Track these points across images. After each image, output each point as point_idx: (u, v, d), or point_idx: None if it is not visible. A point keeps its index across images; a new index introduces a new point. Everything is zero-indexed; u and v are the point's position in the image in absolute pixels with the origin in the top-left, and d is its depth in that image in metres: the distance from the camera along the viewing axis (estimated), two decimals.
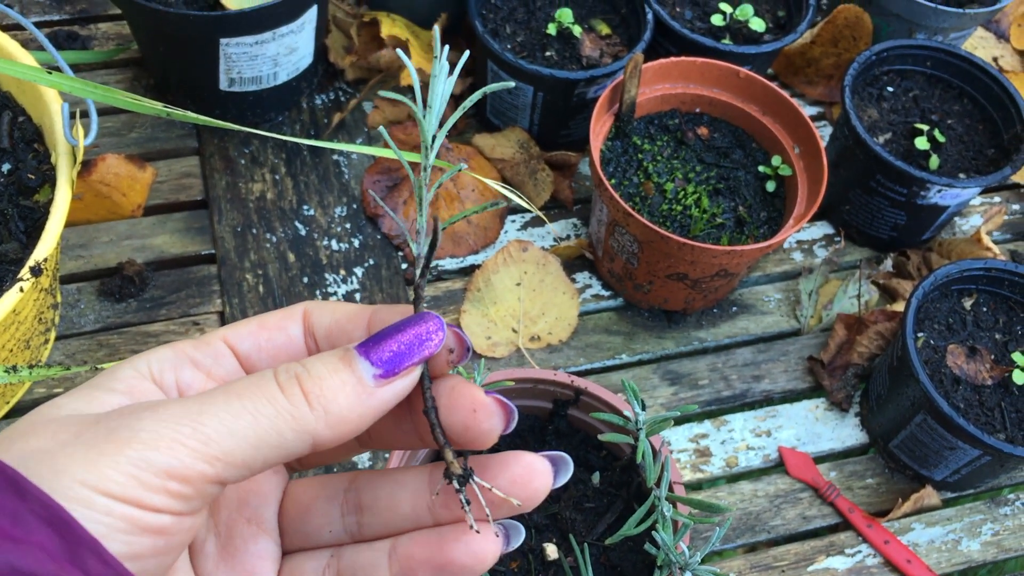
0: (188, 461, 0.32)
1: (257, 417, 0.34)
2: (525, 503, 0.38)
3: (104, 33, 1.16)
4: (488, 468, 0.39)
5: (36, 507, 0.30)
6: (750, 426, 0.98)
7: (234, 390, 0.35)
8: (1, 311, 0.73)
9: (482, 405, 0.38)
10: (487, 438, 0.38)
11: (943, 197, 1.02)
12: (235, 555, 0.41)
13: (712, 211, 0.98)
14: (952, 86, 1.13)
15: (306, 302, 0.42)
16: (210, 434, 0.33)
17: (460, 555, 0.38)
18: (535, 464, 0.39)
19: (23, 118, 0.87)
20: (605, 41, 1.09)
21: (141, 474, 0.31)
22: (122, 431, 0.32)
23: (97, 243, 0.99)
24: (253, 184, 1.06)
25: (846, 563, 0.91)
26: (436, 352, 0.38)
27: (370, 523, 0.41)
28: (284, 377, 0.36)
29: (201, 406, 0.34)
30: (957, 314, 0.96)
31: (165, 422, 0.33)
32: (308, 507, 0.42)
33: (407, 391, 0.38)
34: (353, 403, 0.36)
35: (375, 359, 0.36)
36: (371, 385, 0.36)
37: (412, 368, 0.37)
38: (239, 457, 0.33)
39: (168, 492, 0.32)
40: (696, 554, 0.64)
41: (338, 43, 1.14)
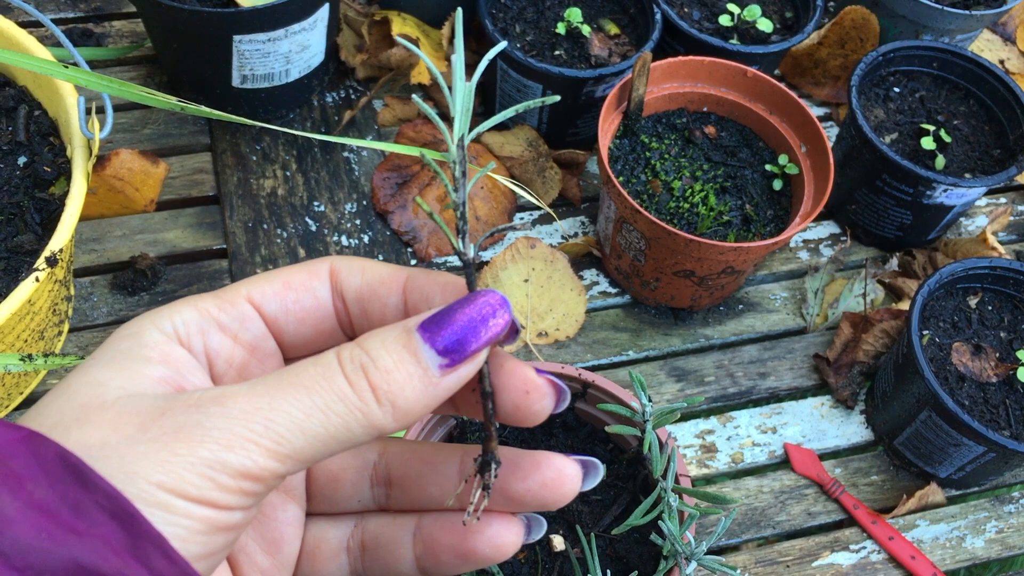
0: (261, 461, 0.32)
1: (328, 415, 0.33)
2: (552, 505, 0.38)
3: (118, 31, 1.17)
4: (519, 467, 0.39)
5: (100, 498, 0.29)
6: (756, 423, 0.99)
7: (302, 383, 0.34)
8: (17, 301, 0.74)
9: (535, 386, 0.37)
10: (537, 419, 0.38)
11: (949, 197, 1.03)
12: (264, 521, 0.41)
13: (719, 209, 0.99)
14: (958, 87, 1.13)
15: (331, 257, 0.40)
16: (283, 433, 0.32)
17: (483, 546, 0.39)
18: (566, 469, 0.39)
19: (39, 112, 0.89)
20: (614, 40, 1.10)
21: (217, 476, 0.31)
22: (193, 429, 0.32)
23: (110, 237, 1.01)
24: (264, 180, 1.07)
25: (850, 559, 0.92)
26: (503, 333, 0.36)
27: (398, 497, 0.42)
28: (350, 368, 0.34)
29: (271, 402, 0.33)
30: (962, 312, 0.96)
31: (236, 420, 0.32)
32: (338, 476, 0.42)
33: (471, 376, 0.36)
34: (420, 395, 0.35)
35: (440, 346, 0.35)
36: (436, 376, 0.35)
37: (478, 353, 0.36)
38: (308, 454, 0.33)
39: (242, 491, 0.32)
40: (702, 544, 0.65)
41: (349, 41, 1.15)
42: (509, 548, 0.39)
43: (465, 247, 0.37)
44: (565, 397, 0.38)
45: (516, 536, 0.39)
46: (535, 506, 0.39)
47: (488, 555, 0.39)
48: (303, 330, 0.40)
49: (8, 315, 0.73)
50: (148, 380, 0.34)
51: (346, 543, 0.41)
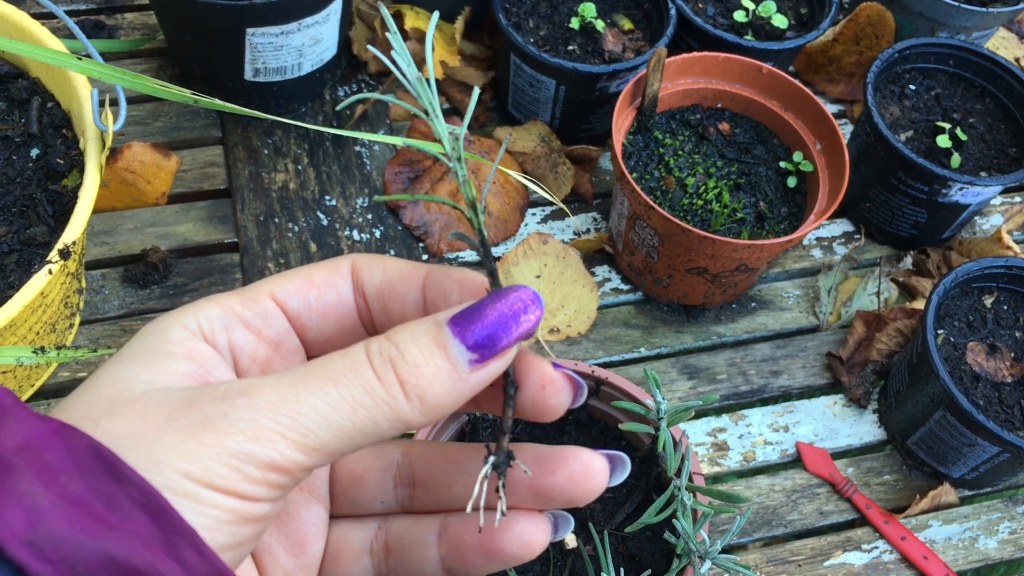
0: (288, 453, 0.32)
1: (356, 408, 0.33)
2: (579, 500, 0.38)
3: (130, 23, 1.17)
4: (547, 462, 0.38)
5: (132, 492, 0.29)
6: (768, 421, 0.99)
7: (329, 375, 0.34)
8: (30, 293, 0.74)
9: (551, 380, 0.37)
10: (553, 414, 0.37)
11: (964, 195, 1.02)
12: (288, 521, 0.41)
13: (733, 206, 0.99)
14: (974, 85, 1.12)
15: (352, 255, 0.41)
16: (309, 425, 0.32)
17: (510, 544, 0.38)
18: (594, 463, 0.38)
19: (52, 104, 0.88)
20: (627, 36, 1.09)
21: (243, 466, 0.31)
22: (219, 420, 0.32)
23: (122, 230, 1.00)
24: (276, 174, 1.07)
25: (863, 559, 0.91)
26: (534, 329, 0.36)
27: (421, 498, 0.41)
28: (379, 362, 0.34)
29: (297, 393, 0.33)
30: (977, 312, 0.96)
31: (263, 411, 0.32)
32: (361, 477, 0.42)
33: (501, 372, 0.36)
34: (448, 390, 0.34)
35: (470, 341, 0.35)
36: (466, 371, 0.35)
37: (508, 349, 0.35)
38: (334, 447, 0.33)
39: (268, 483, 0.32)
40: (716, 543, 0.65)
41: (362, 35, 1.15)
42: (537, 546, 0.38)
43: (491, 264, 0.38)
44: (582, 392, 0.38)
45: (543, 534, 0.39)
46: (562, 502, 0.38)
47: (515, 553, 0.38)
48: (325, 326, 0.40)
49: (21, 307, 0.73)
50: (174, 375, 0.34)
51: (370, 545, 0.41)
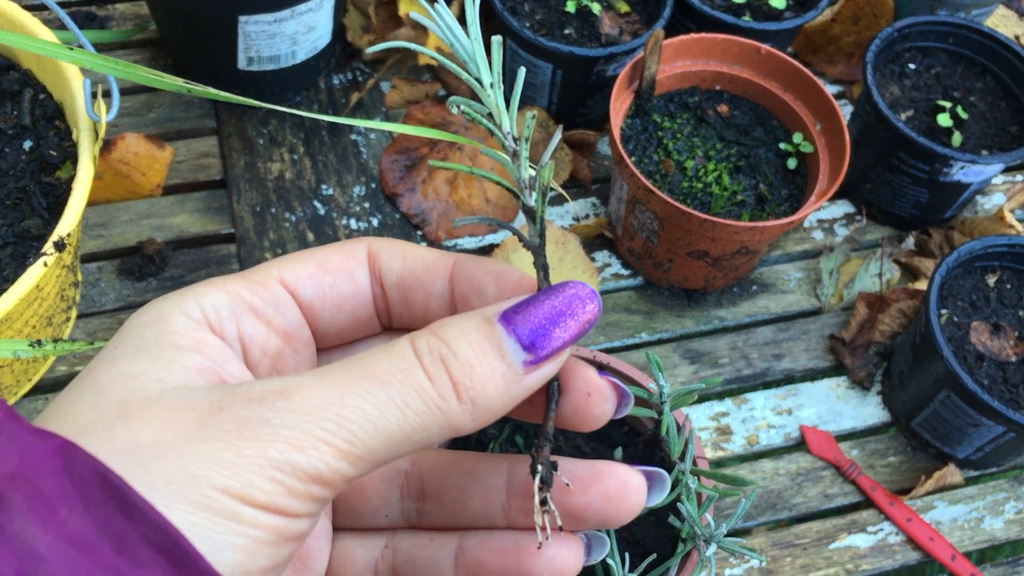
0: (334, 463, 0.29)
1: (406, 413, 0.30)
2: (615, 521, 0.35)
3: (121, 13, 1.16)
4: (578, 479, 0.35)
5: (148, 530, 0.25)
6: (771, 404, 0.98)
7: (376, 376, 0.30)
8: (25, 286, 0.73)
9: (597, 388, 0.34)
10: (595, 423, 0.35)
11: (966, 174, 1.01)
12: None
13: (733, 188, 0.98)
14: (975, 63, 1.11)
15: (368, 238, 0.37)
16: (356, 432, 0.29)
17: (539, 569, 0.34)
18: (631, 480, 0.35)
19: (44, 95, 0.87)
20: (624, 19, 1.08)
21: (287, 480, 0.28)
22: (259, 427, 0.28)
23: (117, 222, 1.00)
24: (272, 164, 1.06)
25: (868, 541, 0.91)
26: (589, 331, 0.33)
27: (432, 513, 0.37)
28: (429, 361, 0.31)
29: (342, 395, 0.30)
30: (980, 291, 0.95)
31: (306, 416, 0.29)
32: (363, 486, 0.38)
33: (553, 375, 0.33)
34: (502, 394, 0.31)
35: (525, 340, 0.32)
36: (520, 372, 0.32)
37: (563, 350, 0.32)
38: (380, 455, 0.30)
39: (311, 497, 0.29)
40: (722, 526, 0.64)
41: (356, 22, 1.13)
42: (569, 571, 0.35)
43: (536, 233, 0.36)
44: (628, 402, 0.35)
45: (575, 557, 0.35)
46: (596, 523, 0.35)
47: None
48: (340, 317, 0.37)
49: (16, 301, 0.72)
50: (186, 371, 0.31)
51: (375, 565, 0.37)
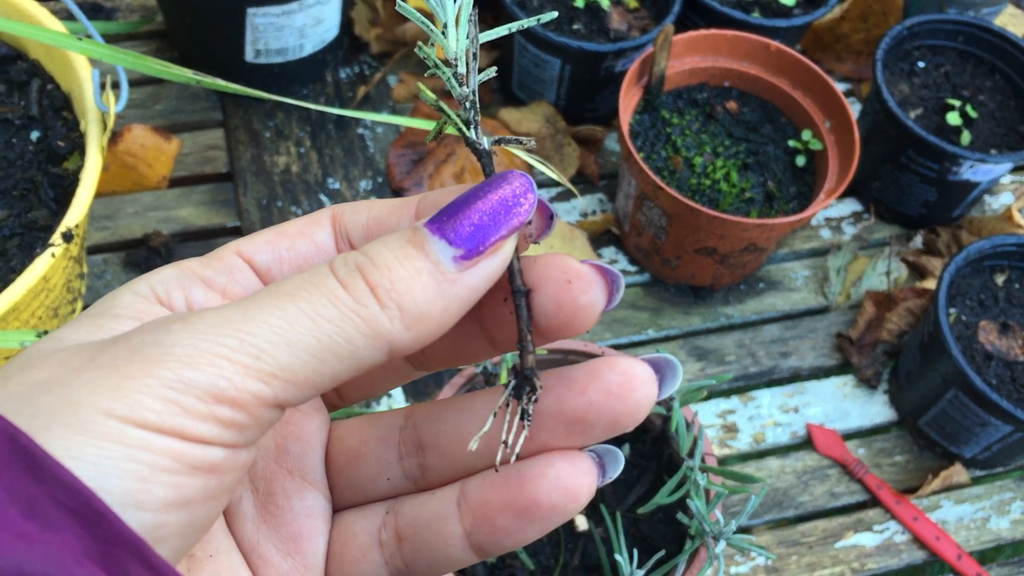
0: (238, 381, 0.26)
1: (318, 322, 0.27)
2: (623, 422, 0.30)
3: (128, 5, 1.15)
4: (575, 381, 0.31)
5: (59, 492, 0.23)
6: (778, 402, 0.98)
7: (284, 290, 0.28)
8: (33, 277, 0.73)
9: (578, 274, 0.30)
10: (585, 317, 0.30)
11: (975, 173, 1.01)
12: (278, 514, 0.34)
13: (741, 186, 0.98)
14: (984, 62, 1.11)
15: (335, 205, 0.34)
16: (262, 346, 0.26)
17: (547, 493, 0.30)
18: (633, 370, 0.30)
19: (51, 86, 0.87)
20: (633, 14, 1.08)
21: (182, 398, 0.25)
22: (149, 349, 0.26)
23: (123, 214, 0.99)
24: (278, 157, 1.06)
25: (874, 540, 0.91)
26: (529, 219, 0.30)
27: (435, 465, 0.34)
28: (344, 270, 0.29)
29: (245, 312, 0.27)
30: (989, 290, 0.95)
31: (203, 334, 0.26)
32: (358, 452, 0.35)
33: (499, 272, 0.30)
34: (432, 295, 0.28)
35: (453, 236, 0.29)
36: (452, 270, 0.29)
37: (501, 243, 0.29)
38: (300, 373, 0.27)
39: (218, 420, 0.26)
40: (731, 523, 0.64)
41: (363, 16, 1.13)
42: (581, 491, 0.30)
43: (478, 137, 0.32)
44: (618, 286, 0.30)
45: (587, 474, 0.31)
46: (603, 427, 0.30)
47: (556, 504, 0.30)
48: None
49: (24, 291, 0.72)
50: (114, 332, 0.29)
51: (378, 535, 0.33)
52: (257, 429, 0.27)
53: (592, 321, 0.30)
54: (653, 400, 0.30)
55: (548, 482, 0.30)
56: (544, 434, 0.31)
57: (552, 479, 0.30)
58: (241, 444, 0.27)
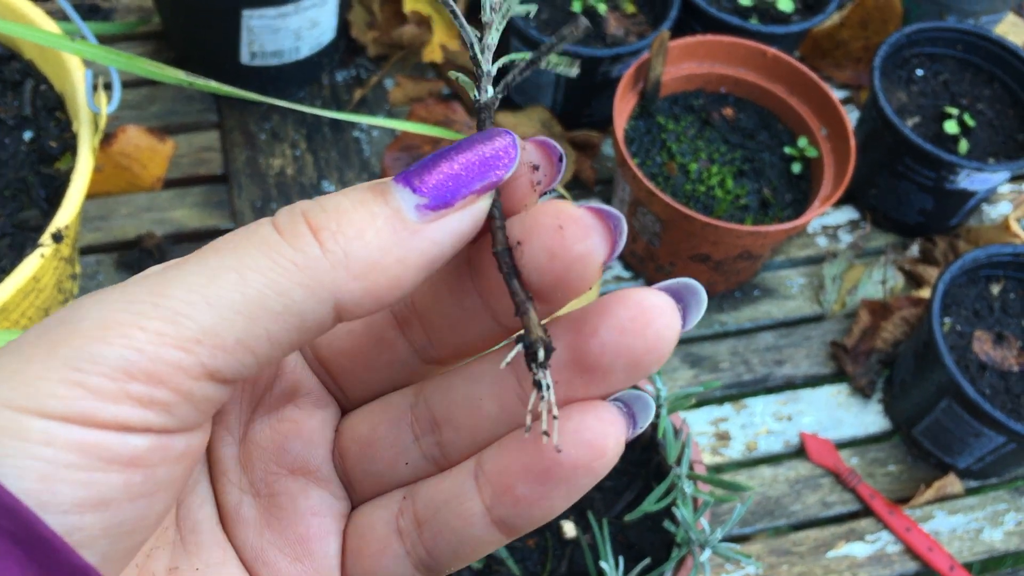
0: (152, 350, 0.22)
1: (243, 273, 0.24)
2: (645, 360, 0.26)
3: (125, 6, 1.15)
4: (584, 322, 0.27)
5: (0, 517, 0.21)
6: (771, 410, 0.97)
7: (210, 246, 0.25)
8: (22, 277, 0.73)
9: (572, 218, 0.26)
10: (583, 269, 0.26)
11: (972, 182, 1.00)
12: (283, 517, 0.31)
13: (736, 192, 0.97)
14: (983, 70, 1.11)
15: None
16: (178, 308, 0.23)
17: (569, 451, 0.26)
18: (647, 300, 0.26)
19: (45, 86, 0.87)
20: (630, 20, 1.07)
21: (87, 378, 0.22)
22: (56, 328, 0.23)
23: (116, 215, 0.99)
24: (273, 159, 1.06)
25: (866, 550, 0.90)
26: (507, 176, 0.27)
27: (453, 441, 0.30)
28: (285, 217, 0.25)
29: (164, 274, 0.24)
30: (984, 300, 0.94)
31: (115, 303, 0.23)
32: (370, 439, 0.31)
33: (469, 231, 0.27)
34: (387, 241, 0.25)
35: (418, 184, 0.26)
36: (413, 219, 0.26)
37: (474, 198, 0.27)
38: (229, 335, 0.23)
39: (133, 398, 0.22)
40: (716, 531, 0.63)
41: (360, 18, 1.13)
42: (608, 444, 0.27)
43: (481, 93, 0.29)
44: (621, 231, 0.27)
45: (613, 424, 0.27)
46: (624, 371, 0.27)
47: (579, 461, 0.27)
48: None
49: (13, 291, 0.72)
50: None
51: (396, 524, 0.30)
52: (190, 407, 0.24)
53: (593, 273, 0.27)
54: (676, 332, 0.27)
55: (568, 437, 0.27)
56: (559, 388, 0.27)
57: (572, 434, 0.27)
58: (173, 428, 0.24)
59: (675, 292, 0.27)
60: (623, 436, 0.27)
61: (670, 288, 0.27)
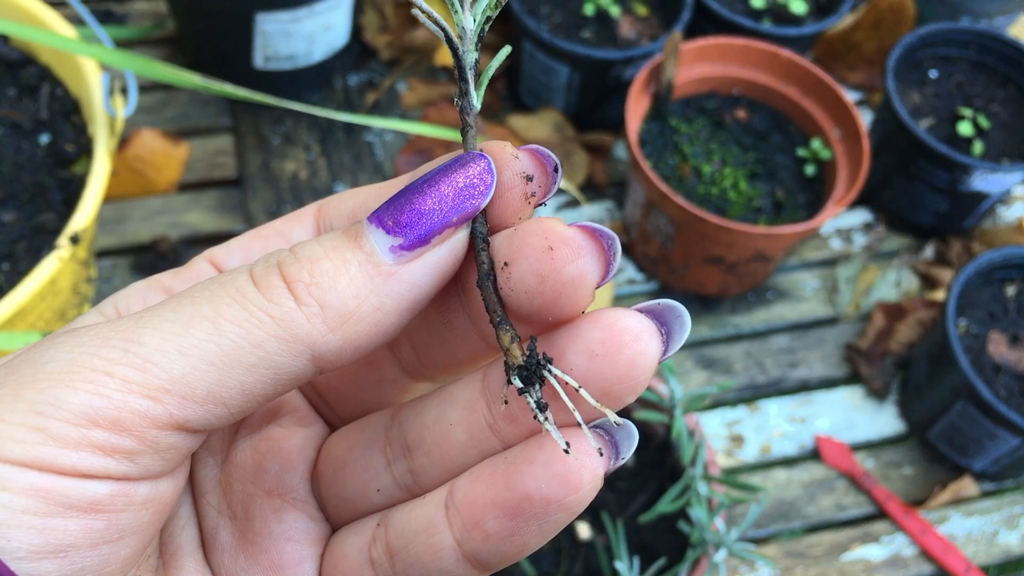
0: (118, 397, 0.22)
1: (218, 324, 0.23)
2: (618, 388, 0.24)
3: (139, 11, 1.16)
4: (553, 343, 0.25)
5: None
6: (785, 413, 0.97)
7: (187, 293, 0.24)
8: (40, 280, 0.73)
9: (562, 239, 0.24)
10: (575, 292, 0.24)
11: (986, 183, 1.00)
12: (256, 542, 0.30)
13: (749, 194, 0.97)
14: (996, 72, 1.10)
15: (321, 200, 0.31)
16: (149, 355, 0.22)
17: (539, 484, 0.25)
18: (623, 321, 0.24)
19: (61, 90, 0.88)
20: (643, 22, 1.08)
21: (49, 423, 0.21)
22: (23, 368, 0.22)
23: (131, 219, 1.00)
24: (286, 163, 1.06)
25: (882, 553, 0.90)
26: (484, 204, 0.26)
27: (425, 468, 0.29)
28: (261, 267, 0.25)
29: (139, 319, 0.23)
30: (999, 302, 0.94)
31: (84, 346, 0.22)
32: (344, 461, 0.30)
33: (449, 266, 0.26)
34: (361, 290, 0.24)
35: (391, 225, 0.25)
36: (388, 262, 0.25)
37: (451, 231, 0.25)
38: (199, 387, 0.23)
39: (95, 445, 0.22)
40: (732, 531, 0.63)
41: (373, 22, 1.13)
42: (582, 477, 0.24)
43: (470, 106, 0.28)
44: (615, 252, 0.25)
45: (589, 457, 0.25)
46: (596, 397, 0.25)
47: (550, 496, 0.25)
48: None
49: (31, 294, 0.72)
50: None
51: (367, 553, 0.29)
52: (154, 456, 0.23)
53: (585, 297, 0.25)
54: (652, 358, 0.24)
55: (538, 469, 0.25)
56: (528, 414, 0.25)
57: (543, 465, 0.25)
58: (135, 476, 0.23)
59: (656, 314, 0.25)
60: (601, 469, 0.25)
61: (650, 309, 0.25)
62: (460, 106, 0.28)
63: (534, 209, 0.27)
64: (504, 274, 0.25)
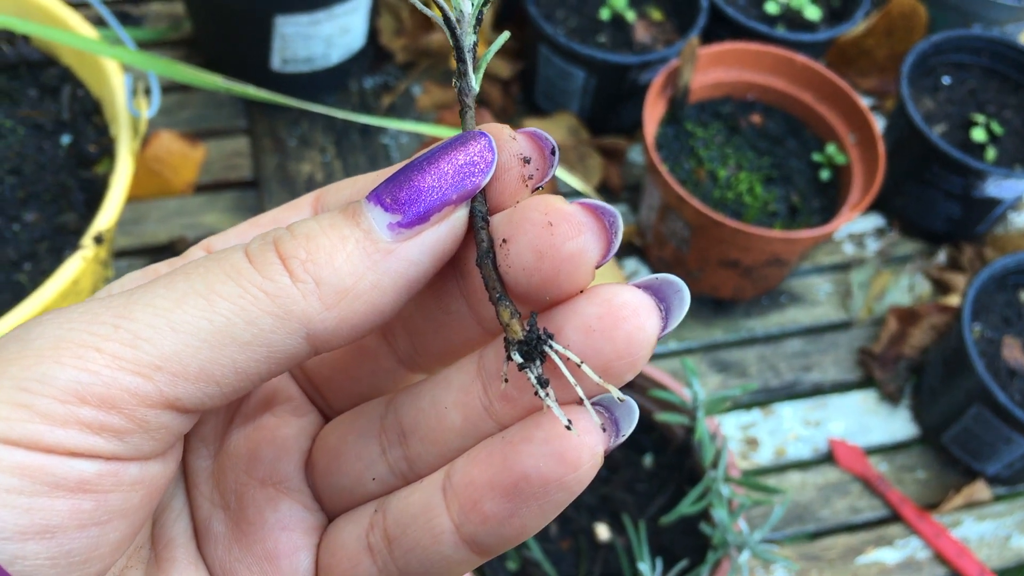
0: (107, 373, 0.21)
1: (212, 300, 0.22)
2: (616, 364, 0.24)
3: (156, 13, 1.17)
4: (551, 320, 0.25)
5: None
6: (799, 416, 0.97)
7: (181, 270, 0.24)
8: (64, 279, 0.73)
9: (562, 215, 0.24)
10: (574, 269, 0.24)
11: (1000, 189, 1.01)
12: (250, 532, 0.29)
13: (765, 199, 0.98)
14: (1009, 78, 1.11)
15: (319, 188, 0.30)
16: (140, 331, 0.22)
17: (536, 463, 0.24)
18: (621, 296, 0.24)
19: (82, 91, 0.88)
20: (658, 27, 1.08)
21: (35, 400, 0.21)
22: (10, 346, 0.22)
23: (148, 220, 1.00)
24: (302, 165, 1.07)
25: (896, 556, 0.90)
26: (484, 183, 0.26)
27: (420, 454, 0.28)
28: (256, 245, 0.24)
29: (131, 295, 0.23)
30: (1013, 307, 0.94)
31: (74, 322, 0.22)
32: (339, 450, 0.30)
33: (448, 245, 0.25)
34: (359, 266, 0.24)
35: (390, 202, 0.24)
36: (386, 239, 0.24)
37: (450, 209, 0.25)
38: (191, 364, 0.22)
39: (83, 423, 0.21)
40: (755, 532, 0.64)
41: (389, 26, 1.14)
42: (581, 454, 0.24)
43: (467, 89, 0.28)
44: (616, 230, 0.24)
45: (589, 435, 0.24)
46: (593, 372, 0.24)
47: (548, 474, 0.24)
48: None
49: (55, 293, 0.73)
50: None
51: (366, 540, 0.28)
52: (144, 436, 0.22)
53: (584, 275, 0.24)
54: (651, 334, 0.24)
55: (536, 448, 0.24)
56: (525, 394, 0.25)
57: (540, 444, 0.24)
58: (124, 455, 0.22)
59: (655, 289, 0.25)
60: (600, 447, 0.24)
61: (649, 284, 0.25)
62: (459, 87, 0.29)
63: (531, 192, 0.27)
64: (503, 250, 0.25)
